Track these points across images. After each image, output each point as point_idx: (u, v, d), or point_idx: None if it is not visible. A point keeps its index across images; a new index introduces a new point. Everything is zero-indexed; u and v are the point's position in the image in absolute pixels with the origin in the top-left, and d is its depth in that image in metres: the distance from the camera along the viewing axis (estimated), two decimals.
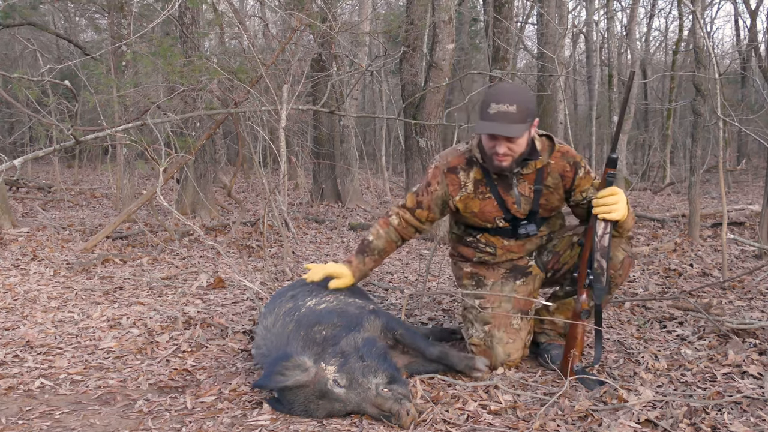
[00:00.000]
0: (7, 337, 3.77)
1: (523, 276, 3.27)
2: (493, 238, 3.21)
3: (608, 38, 14.59)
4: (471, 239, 3.28)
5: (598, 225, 2.87)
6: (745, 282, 4.62)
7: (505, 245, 3.21)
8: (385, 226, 3.25)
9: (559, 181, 3.06)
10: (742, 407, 2.49)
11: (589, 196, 3.04)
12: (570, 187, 3.07)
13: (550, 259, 3.27)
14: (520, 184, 3.06)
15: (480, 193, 3.09)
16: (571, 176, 3.04)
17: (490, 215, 3.13)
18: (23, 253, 6.21)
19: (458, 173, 3.11)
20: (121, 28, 10.00)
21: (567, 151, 3.06)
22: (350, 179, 11.64)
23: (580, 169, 3.04)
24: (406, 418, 2.45)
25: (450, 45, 7.31)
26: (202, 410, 2.76)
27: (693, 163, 6.56)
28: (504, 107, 2.78)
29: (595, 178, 3.08)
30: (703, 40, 6.58)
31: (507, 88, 2.91)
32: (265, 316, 3.22)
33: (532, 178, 3.05)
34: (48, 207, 10.33)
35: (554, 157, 3.04)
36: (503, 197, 3.08)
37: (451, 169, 3.12)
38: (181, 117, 6.40)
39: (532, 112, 2.84)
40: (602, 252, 2.87)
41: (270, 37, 9.45)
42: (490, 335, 3.13)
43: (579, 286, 2.96)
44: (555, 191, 3.08)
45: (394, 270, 5.73)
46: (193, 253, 6.48)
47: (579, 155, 3.08)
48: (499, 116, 2.78)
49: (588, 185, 3.06)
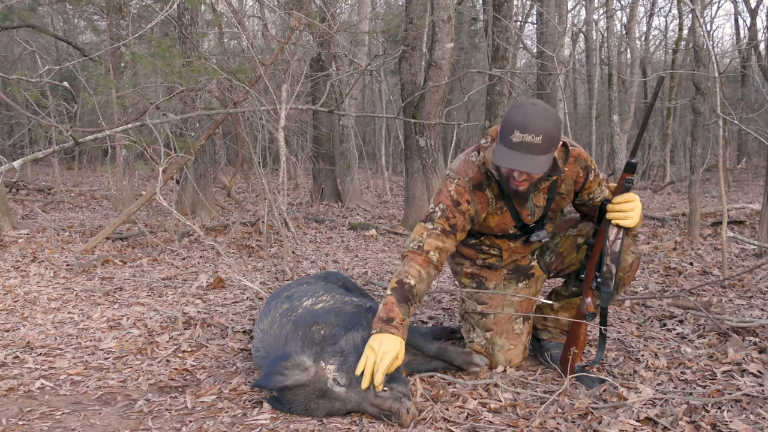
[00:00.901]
0: (7, 339, 3.77)
1: (526, 278, 3.23)
2: (499, 240, 3.14)
3: (608, 37, 14.58)
4: (474, 241, 3.20)
5: (610, 230, 2.78)
6: (745, 280, 4.62)
7: (511, 247, 3.14)
8: (426, 265, 2.84)
9: (572, 188, 2.97)
10: (741, 405, 2.49)
11: (595, 197, 2.98)
12: (579, 190, 2.99)
13: (554, 260, 3.23)
14: (536, 197, 2.96)
15: (498, 209, 2.97)
16: (582, 180, 2.95)
17: (504, 227, 3.03)
18: (23, 254, 6.21)
19: (485, 190, 2.91)
20: (120, 30, 10.01)
21: (579, 154, 2.91)
22: (350, 179, 11.65)
23: (591, 173, 2.94)
24: (406, 416, 2.45)
25: (449, 44, 7.32)
26: (203, 410, 2.76)
27: (693, 162, 6.56)
28: (528, 138, 2.53)
29: (602, 179, 3.00)
30: (702, 39, 6.57)
31: (532, 113, 2.57)
32: (261, 318, 3.21)
33: (547, 188, 2.95)
34: (48, 209, 10.34)
35: (568, 164, 2.89)
36: (518, 210, 2.97)
37: (477, 185, 2.90)
38: (181, 117, 6.40)
39: (557, 139, 2.63)
40: (612, 257, 2.80)
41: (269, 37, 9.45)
42: (491, 342, 3.11)
43: (585, 289, 2.91)
44: (567, 196, 3.01)
45: (394, 269, 5.73)
46: (193, 253, 6.48)
47: (589, 156, 2.95)
48: (523, 147, 2.54)
49: (596, 186, 2.98)
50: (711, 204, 9.98)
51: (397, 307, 2.70)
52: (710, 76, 5.91)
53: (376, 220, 9.17)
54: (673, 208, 9.78)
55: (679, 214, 8.44)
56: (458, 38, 15.50)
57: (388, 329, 2.64)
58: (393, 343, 2.62)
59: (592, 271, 2.87)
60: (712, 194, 12.30)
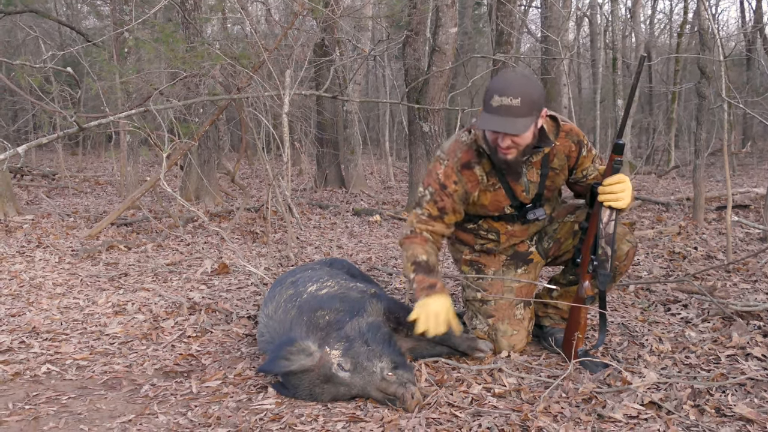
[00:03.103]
0: (13, 324, 3.79)
1: (525, 264, 3.23)
2: (497, 224, 3.14)
3: (612, 21, 14.49)
4: (472, 226, 3.20)
5: (603, 212, 2.78)
6: (749, 265, 4.61)
7: (509, 230, 3.14)
8: (424, 243, 2.95)
9: (564, 162, 2.99)
10: (746, 389, 2.49)
11: (588, 174, 3.00)
12: (574, 166, 3.01)
13: (551, 246, 3.23)
14: (529, 171, 2.97)
15: (491, 185, 2.99)
16: (575, 155, 2.97)
17: (499, 205, 3.04)
18: (28, 240, 6.23)
19: (473, 168, 2.95)
20: (123, 15, 9.98)
21: (570, 129, 2.95)
22: (354, 164, 11.64)
23: (584, 147, 2.97)
24: (411, 401, 2.46)
25: (453, 29, 7.29)
26: (208, 394, 2.78)
27: (698, 147, 6.54)
28: (507, 100, 2.59)
29: (596, 156, 3.01)
30: (708, 22, 6.54)
31: (511, 78, 2.70)
32: (266, 303, 3.22)
33: (539, 162, 2.96)
34: (52, 194, 10.36)
35: (559, 138, 2.93)
36: (513, 187, 2.99)
37: (465, 165, 2.94)
38: (184, 103, 6.39)
39: (539, 104, 2.67)
40: (607, 239, 2.80)
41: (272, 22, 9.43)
42: (494, 329, 3.12)
43: (582, 273, 2.91)
44: (561, 172, 3.02)
45: (399, 255, 5.74)
46: (197, 239, 6.49)
47: (581, 132, 2.98)
48: (503, 110, 2.60)
49: (589, 163, 3.00)
50: (716, 188, 9.95)
51: (429, 278, 2.83)
52: (715, 60, 5.87)
53: (380, 206, 9.17)
54: (678, 192, 9.76)
55: (684, 199, 8.41)
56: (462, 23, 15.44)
57: (432, 293, 2.78)
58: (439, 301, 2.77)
59: (588, 254, 2.87)
60: (717, 178, 12.26)
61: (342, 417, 2.48)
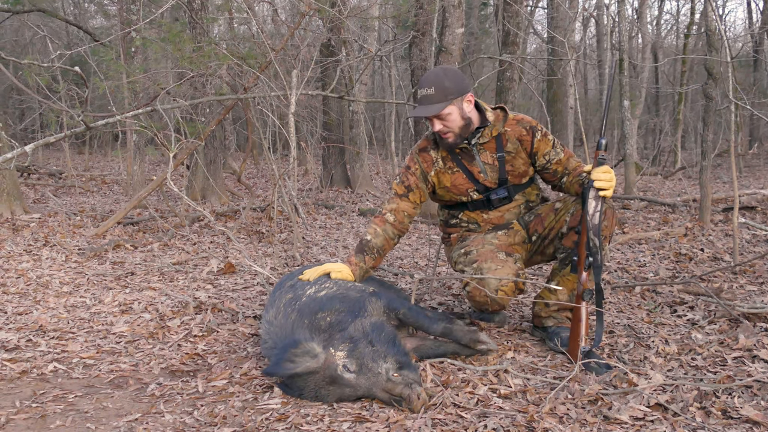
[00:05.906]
0: (20, 322, 3.80)
1: (506, 228, 3.43)
2: (473, 214, 3.46)
3: (619, 22, 14.45)
4: (455, 221, 3.54)
5: (589, 204, 2.93)
6: (756, 266, 4.60)
7: (485, 218, 3.44)
8: (381, 224, 3.37)
9: (518, 146, 3.31)
10: (752, 391, 2.49)
11: (551, 158, 3.29)
12: (531, 151, 3.31)
13: (532, 220, 3.40)
14: (482, 154, 3.33)
15: (449, 168, 3.38)
16: (529, 140, 3.29)
17: (462, 188, 3.38)
18: (35, 238, 6.25)
19: (429, 152, 3.41)
20: (131, 14, 9.99)
21: (522, 118, 3.33)
22: (360, 165, 11.64)
23: (537, 132, 3.29)
24: (417, 402, 2.46)
25: (459, 29, 7.28)
26: (214, 394, 2.78)
27: (704, 148, 6.52)
28: (425, 91, 3.13)
29: (556, 142, 3.32)
30: (715, 23, 6.52)
31: (429, 73, 3.21)
32: (267, 309, 3.21)
33: (493, 147, 3.32)
34: (59, 193, 10.39)
35: (509, 125, 3.31)
36: (469, 169, 3.35)
37: (422, 149, 3.42)
38: (191, 103, 6.41)
39: (453, 90, 3.12)
40: (594, 230, 2.93)
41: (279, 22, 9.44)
42: (479, 269, 3.21)
43: (579, 269, 2.99)
44: (517, 155, 3.32)
45: (404, 255, 5.74)
46: (203, 238, 6.50)
47: (534, 120, 3.34)
48: (424, 99, 3.13)
49: (548, 147, 3.30)
50: (722, 189, 9.93)
51: (353, 255, 3.33)
52: (722, 61, 5.86)
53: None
54: (684, 193, 9.74)
55: (690, 200, 8.40)
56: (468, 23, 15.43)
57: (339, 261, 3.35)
58: (339, 264, 3.29)
59: (583, 250, 2.97)
60: (724, 180, 12.23)
61: (348, 417, 2.48)
